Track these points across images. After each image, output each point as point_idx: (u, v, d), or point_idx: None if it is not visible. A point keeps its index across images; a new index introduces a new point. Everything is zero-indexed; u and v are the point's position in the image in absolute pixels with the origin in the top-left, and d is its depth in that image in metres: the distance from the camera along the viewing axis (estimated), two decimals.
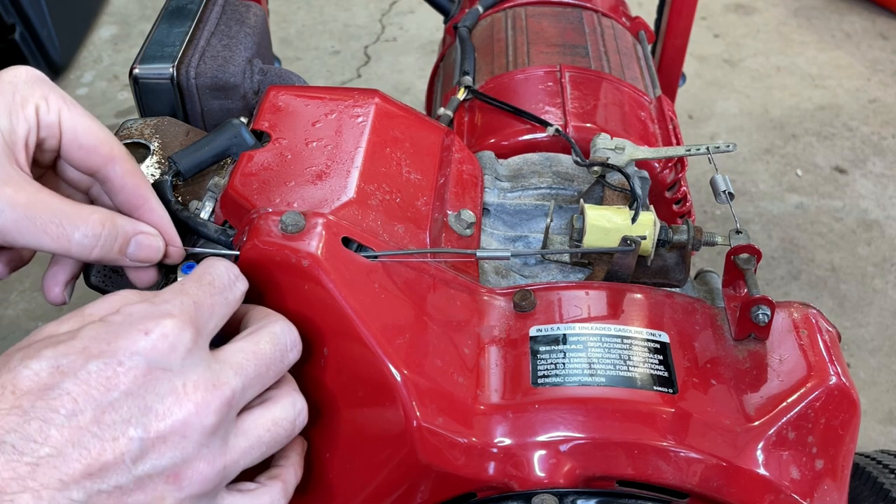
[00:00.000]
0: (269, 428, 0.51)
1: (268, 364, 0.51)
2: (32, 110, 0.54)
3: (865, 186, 2.28)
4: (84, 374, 0.44)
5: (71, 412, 0.43)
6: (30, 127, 0.53)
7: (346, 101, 0.72)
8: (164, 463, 0.45)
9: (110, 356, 0.45)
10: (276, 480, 0.54)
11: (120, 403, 0.44)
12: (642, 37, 1.23)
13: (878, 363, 1.85)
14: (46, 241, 0.52)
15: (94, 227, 0.54)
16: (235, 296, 0.52)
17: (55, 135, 0.55)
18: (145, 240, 0.57)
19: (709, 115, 2.52)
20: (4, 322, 1.91)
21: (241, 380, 0.49)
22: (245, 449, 0.49)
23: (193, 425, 0.46)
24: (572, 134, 0.89)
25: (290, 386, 0.54)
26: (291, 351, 0.53)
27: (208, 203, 0.66)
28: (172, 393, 0.45)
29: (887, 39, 2.84)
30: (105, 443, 0.43)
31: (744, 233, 0.68)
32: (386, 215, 0.64)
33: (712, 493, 0.58)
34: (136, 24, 2.87)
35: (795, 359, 0.62)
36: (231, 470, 0.49)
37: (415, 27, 2.88)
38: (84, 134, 0.56)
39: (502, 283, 0.71)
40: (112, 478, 0.43)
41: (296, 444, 0.58)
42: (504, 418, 0.59)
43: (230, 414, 0.48)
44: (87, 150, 0.56)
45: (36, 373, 0.44)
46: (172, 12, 0.89)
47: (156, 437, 0.44)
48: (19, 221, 0.51)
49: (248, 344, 0.51)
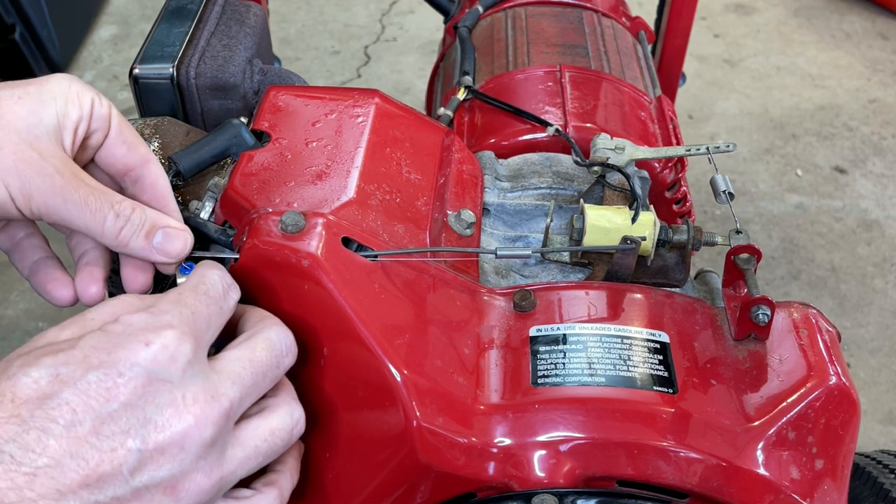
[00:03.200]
0: (267, 438, 0.51)
1: (264, 371, 0.51)
2: (88, 101, 0.56)
3: (865, 186, 2.28)
4: (84, 385, 0.44)
5: (70, 422, 0.43)
6: (82, 115, 0.56)
7: (346, 101, 0.72)
8: (162, 475, 0.45)
9: (110, 367, 0.44)
10: (271, 487, 0.54)
11: (119, 414, 0.44)
12: (642, 37, 1.23)
13: (878, 363, 1.85)
14: (86, 214, 0.54)
15: (125, 209, 0.56)
16: (229, 304, 0.53)
17: (104, 128, 0.58)
18: (173, 232, 0.58)
19: (709, 115, 2.52)
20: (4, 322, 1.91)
21: (239, 390, 0.49)
22: (242, 460, 0.49)
23: (192, 437, 0.45)
24: (572, 134, 0.89)
25: (288, 394, 0.54)
26: (287, 356, 0.53)
27: (208, 203, 0.66)
28: (172, 405, 0.45)
29: (887, 39, 2.84)
30: (103, 454, 0.43)
31: (744, 233, 0.68)
32: (386, 215, 0.64)
33: (712, 493, 0.58)
34: (136, 24, 2.87)
35: (795, 359, 0.62)
36: (228, 481, 0.49)
37: (415, 27, 2.88)
38: (128, 131, 0.59)
39: (502, 283, 0.71)
40: (109, 489, 0.43)
41: (293, 449, 0.58)
42: (504, 418, 0.59)
43: (228, 425, 0.48)
44: (129, 146, 0.59)
45: (35, 381, 0.43)
46: (172, 12, 0.89)
47: (154, 448, 0.44)
48: (66, 189, 0.53)
49: (244, 352, 0.51)
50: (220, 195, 0.65)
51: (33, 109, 0.54)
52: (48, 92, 0.55)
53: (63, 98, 0.55)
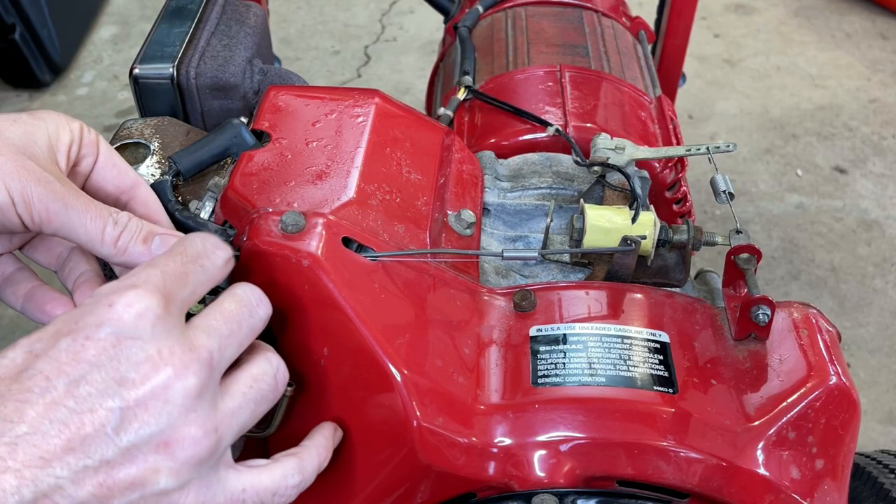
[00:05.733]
0: (252, 384, 0.50)
1: (238, 321, 0.50)
2: (77, 126, 0.59)
3: (865, 186, 2.28)
4: (55, 353, 0.44)
5: (44, 389, 0.43)
6: (73, 138, 0.58)
7: (346, 101, 0.72)
8: (150, 431, 0.44)
9: (78, 332, 0.45)
10: (291, 457, 0.54)
11: (92, 375, 0.44)
12: (642, 37, 1.23)
13: (878, 363, 1.85)
14: (87, 220, 0.55)
15: (122, 217, 0.57)
16: (216, 263, 0.52)
17: (93, 153, 0.60)
18: (170, 239, 0.58)
19: (709, 115, 2.52)
20: (4, 322, 1.91)
21: (217, 340, 0.48)
22: (234, 409, 0.49)
23: (175, 389, 0.45)
24: (572, 134, 0.89)
25: (262, 347, 0.54)
26: (259, 307, 0.52)
27: (208, 203, 0.66)
28: (147, 360, 0.45)
29: (887, 39, 2.84)
30: (83, 416, 0.43)
31: (744, 233, 0.67)
32: (386, 215, 0.64)
33: (712, 492, 0.58)
34: (136, 24, 2.87)
35: (795, 359, 0.62)
36: (224, 433, 0.48)
37: (415, 27, 2.88)
38: (116, 156, 0.62)
39: (502, 283, 0.71)
40: (96, 452, 0.43)
41: (323, 428, 0.58)
42: (504, 418, 0.59)
43: (213, 376, 0.48)
44: (119, 169, 0.61)
45: (11, 360, 0.44)
46: (172, 12, 0.89)
47: (136, 404, 0.44)
48: (67, 196, 0.54)
49: (213, 308, 0.51)
50: (220, 195, 0.65)
51: (27, 132, 0.55)
52: (40, 118, 0.57)
53: (54, 124, 0.57)
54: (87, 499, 0.43)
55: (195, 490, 0.47)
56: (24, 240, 0.61)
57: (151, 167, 0.70)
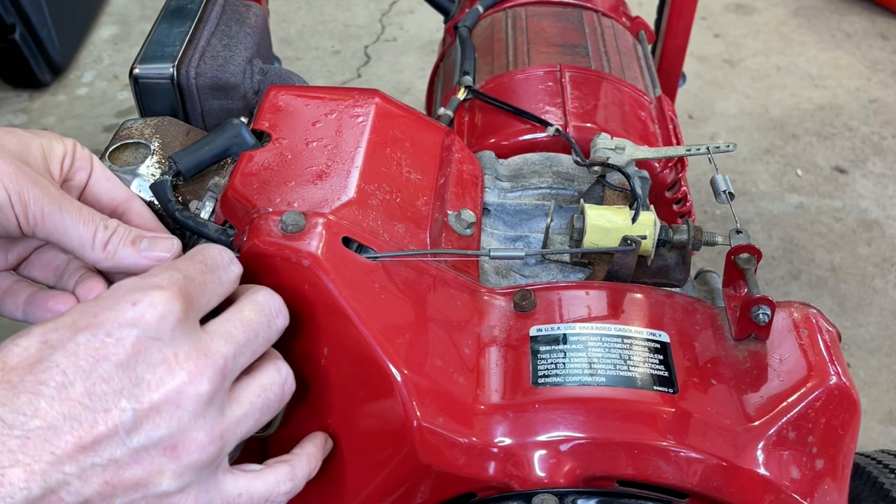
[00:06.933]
0: (260, 394, 0.51)
1: (256, 330, 0.51)
2: (70, 141, 0.61)
3: (865, 186, 2.28)
4: (72, 346, 0.44)
5: (60, 384, 0.43)
6: (66, 151, 0.60)
7: (346, 101, 0.72)
8: (160, 434, 0.45)
9: (98, 328, 0.44)
10: (283, 464, 0.54)
11: (111, 374, 0.44)
12: (642, 37, 1.23)
13: (878, 363, 1.85)
14: (80, 223, 0.55)
15: (112, 222, 0.57)
16: (230, 277, 0.52)
17: (87, 167, 0.61)
18: (159, 238, 0.59)
19: (709, 115, 2.52)
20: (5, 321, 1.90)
21: (233, 348, 0.49)
22: (240, 417, 0.49)
23: (187, 394, 0.45)
24: (572, 134, 0.89)
25: (273, 355, 0.54)
26: (278, 317, 0.53)
27: (208, 203, 0.66)
28: (164, 363, 0.45)
29: (887, 39, 2.84)
30: (97, 415, 0.43)
31: (744, 233, 0.67)
32: (386, 215, 0.64)
33: (712, 492, 0.58)
34: (136, 24, 2.87)
35: (795, 359, 0.62)
36: (228, 440, 0.48)
37: (415, 27, 2.88)
38: (109, 172, 0.63)
39: (502, 283, 0.71)
40: (106, 451, 0.43)
41: (314, 437, 0.58)
42: (504, 418, 0.59)
43: (224, 383, 0.48)
44: (113, 182, 0.63)
45: (25, 349, 0.44)
46: (172, 12, 0.89)
47: (150, 407, 0.44)
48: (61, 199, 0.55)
49: (232, 313, 0.51)
50: (221, 195, 0.65)
51: (22, 142, 0.57)
52: (33, 132, 0.59)
53: (47, 138, 0.60)
54: (92, 496, 0.43)
55: (194, 493, 0.47)
56: (21, 256, 0.61)
57: (151, 167, 0.70)
